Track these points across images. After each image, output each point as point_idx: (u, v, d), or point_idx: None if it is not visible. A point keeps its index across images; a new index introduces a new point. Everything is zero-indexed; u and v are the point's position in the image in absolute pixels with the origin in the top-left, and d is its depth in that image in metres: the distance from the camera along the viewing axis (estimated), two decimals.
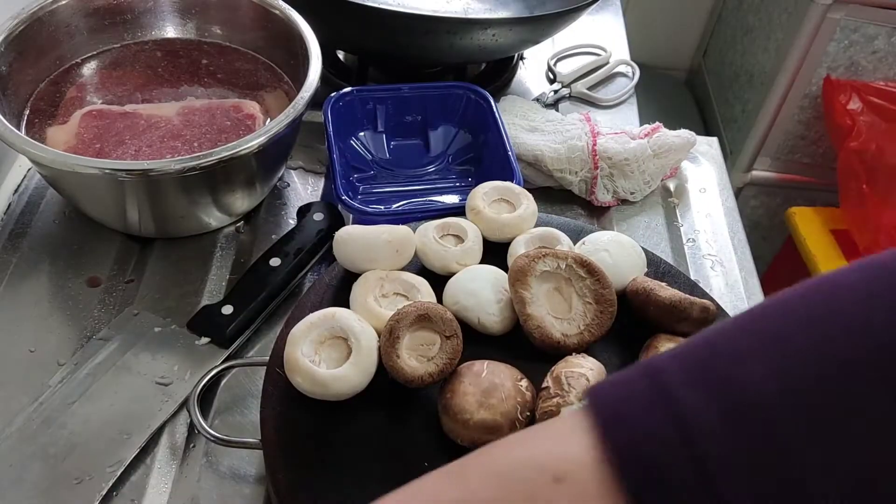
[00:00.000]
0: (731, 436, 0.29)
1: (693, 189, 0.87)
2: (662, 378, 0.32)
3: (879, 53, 1.45)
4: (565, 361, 0.53)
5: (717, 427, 0.30)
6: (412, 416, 0.55)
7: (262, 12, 0.80)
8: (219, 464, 0.59)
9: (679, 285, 0.64)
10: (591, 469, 0.31)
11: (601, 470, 0.31)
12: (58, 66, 0.78)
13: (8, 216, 0.75)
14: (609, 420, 0.31)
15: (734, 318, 0.34)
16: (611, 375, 0.34)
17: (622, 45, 1.07)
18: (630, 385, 0.32)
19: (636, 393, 0.32)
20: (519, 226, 0.66)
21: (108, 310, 0.68)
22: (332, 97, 0.78)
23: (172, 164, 0.62)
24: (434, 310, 0.55)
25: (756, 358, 0.31)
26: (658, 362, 0.33)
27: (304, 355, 0.53)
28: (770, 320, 0.33)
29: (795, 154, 1.60)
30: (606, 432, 0.31)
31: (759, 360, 0.31)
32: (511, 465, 0.33)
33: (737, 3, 1.75)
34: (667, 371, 0.32)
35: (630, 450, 0.30)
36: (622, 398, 0.32)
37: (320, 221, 0.72)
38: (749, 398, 0.30)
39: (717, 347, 0.32)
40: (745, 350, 0.32)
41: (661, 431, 0.30)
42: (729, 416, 0.30)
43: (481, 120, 0.81)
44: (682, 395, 0.31)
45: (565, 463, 0.31)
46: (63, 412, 0.59)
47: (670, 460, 0.29)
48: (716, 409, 0.30)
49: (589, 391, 0.34)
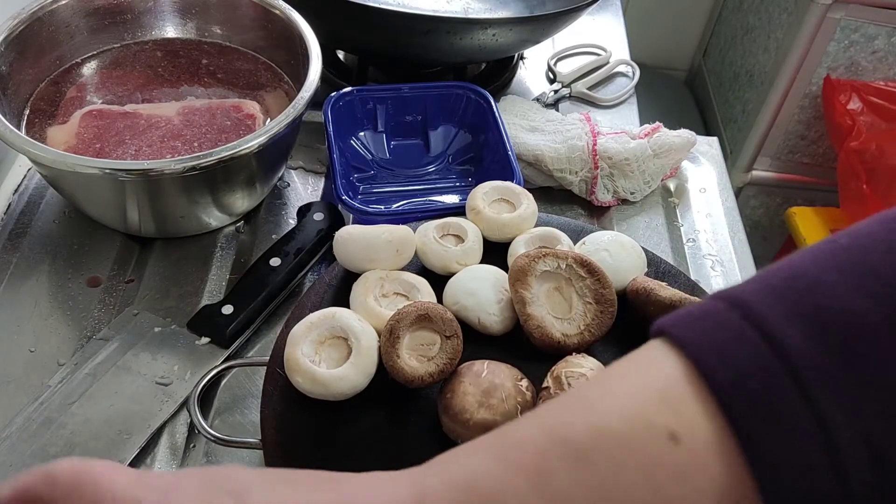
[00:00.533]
0: (841, 368, 0.28)
1: (693, 189, 0.87)
2: (756, 312, 0.30)
3: (879, 53, 1.45)
4: (565, 361, 0.53)
5: (825, 361, 0.28)
6: (412, 416, 0.55)
7: (262, 12, 0.80)
8: (219, 464, 0.59)
9: (679, 285, 0.64)
10: (705, 426, 0.29)
11: (716, 424, 0.29)
12: (58, 66, 0.78)
13: (8, 216, 0.75)
14: (711, 364, 0.30)
15: (812, 250, 0.33)
16: (683, 309, 0.33)
17: (622, 45, 1.07)
18: (721, 322, 0.31)
19: (731, 331, 0.30)
20: (519, 226, 0.66)
21: (108, 310, 0.68)
22: (332, 97, 0.78)
23: (172, 164, 0.62)
24: (434, 310, 0.55)
25: (853, 288, 0.30)
26: (744, 294, 0.31)
27: (304, 355, 0.53)
28: (854, 251, 0.31)
29: (795, 154, 1.60)
30: (712, 380, 0.29)
31: (857, 291, 0.30)
32: (620, 421, 0.31)
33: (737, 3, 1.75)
34: (759, 304, 0.30)
35: (742, 397, 0.29)
36: (718, 339, 0.30)
37: (320, 221, 0.72)
38: (854, 329, 0.29)
39: (808, 279, 0.31)
40: (837, 281, 0.30)
41: (771, 377, 0.28)
42: (837, 349, 0.29)
43: (481, 120, 0.81)
44: (783, 331, 0.29)
45: (677, 417, 0.30)
46: (63, 412, 0.59)
47: (785, 406, 0.28)
48: (821, 343, 0.29)
49: (669, 324, 0.32)
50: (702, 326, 0.31)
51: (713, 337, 0.31)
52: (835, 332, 0.29)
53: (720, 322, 0.31)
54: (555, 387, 0.51)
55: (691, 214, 0.84)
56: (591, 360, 0.53)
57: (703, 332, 0.31)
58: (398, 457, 0.52)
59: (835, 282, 0.31)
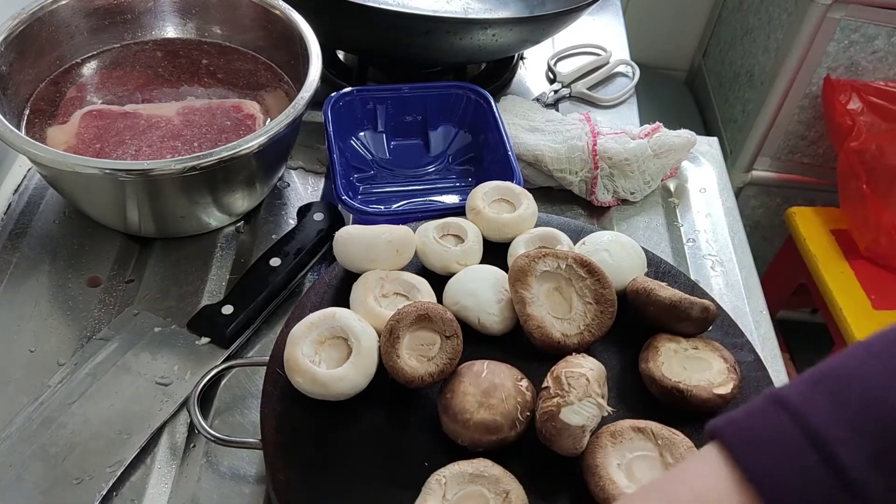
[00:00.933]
0: (887, 474, 0.29)
1: (693, 189, 0.87)
2: (808, 420, 0.31)
3: (879, 53, 1.45)
4: (565, 361, 0.53)
5: (872, 468, 0.29)
6: (412, 416, 0.55)
7: (262, 12, 0.80)
8: (219, 464, 0.59)
9: (679, 285, 0.64)
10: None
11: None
12: (58, 66, 0.78)
13: (8, 216, 0.75)
14: (761, 474, 0.30)
15: (864, 347, 0.33)
16: (739, 410, 0.33)
17: (622, 45, 1.07)
18: (773, 429, 0.31)
19: (784, 439, 0.31)
20: (519, 226, 0.66)
21: (108, 310, 0.68)
22: (332, 97, 0.78)
23: (172, 164, 0.62)
24: (434, 310, 0.55)
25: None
26: (795, 398, 0.32)
27: (304, 355, 0.53)
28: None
29: (795, 154, 1.60)
30: (762, 490, 0.30)
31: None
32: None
33: (737, 3, 1.75)
34: (811, 412, 0.31)
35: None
36: (783, 470, 0.31)
37: (320, 221, 0.72)
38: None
39: (858, 380, 0.31)
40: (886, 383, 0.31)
41: (823, 490, 0.29)
42: (883, 455, 0.29)
43: (481, 120, 0.81)
44: (833, 437, 0.30)
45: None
46: (63, 412, 0.59)
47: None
48: (868, 448, 0.29)
49: (723, 429, 0.32)
50: (764, 448, 0.32)
51: (776, 466, 0.31)
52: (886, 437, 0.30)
53: (785, 448, 0.31)
54: (555, 387, 0.51)
55: (691, 214, 0.84)
56: (591, 360, 0.53)
57: (765, 453, 0.31)
58: (398, 457, 0.52)
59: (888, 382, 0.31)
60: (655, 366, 0.56)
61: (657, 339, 0.58)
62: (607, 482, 0.49)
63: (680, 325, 0.58)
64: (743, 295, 0.76)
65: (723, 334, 0.61)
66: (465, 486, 0.49)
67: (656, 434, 0.52)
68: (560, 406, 0.50)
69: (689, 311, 0.57)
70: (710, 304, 0.58)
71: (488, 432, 0.51)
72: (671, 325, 0.58)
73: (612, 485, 0.49)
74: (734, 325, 0.63)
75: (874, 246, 1.35)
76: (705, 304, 0.57)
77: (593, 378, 0.51)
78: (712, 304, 0.59)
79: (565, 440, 0.50)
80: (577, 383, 0.50)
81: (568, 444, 0.50)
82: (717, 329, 0.61)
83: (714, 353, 0.58)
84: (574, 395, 0.50)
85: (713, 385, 0.55)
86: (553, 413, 0.50)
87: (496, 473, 0.49)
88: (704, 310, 0.57)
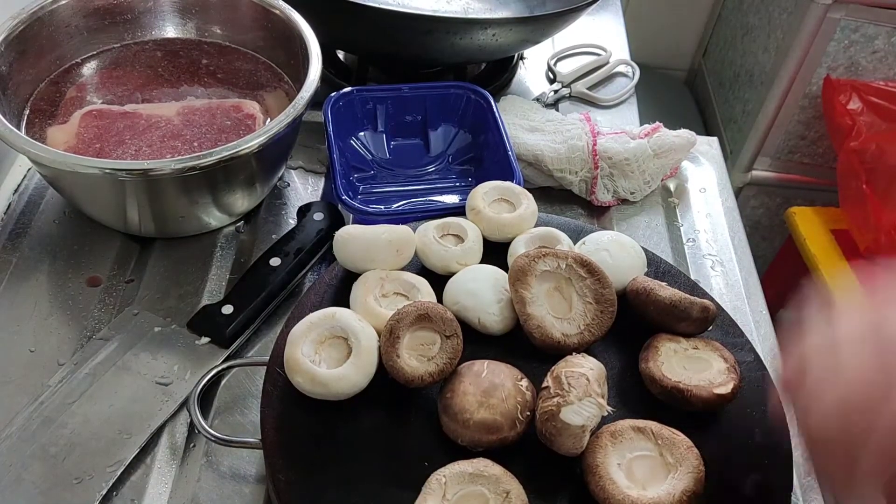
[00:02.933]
0: None
1: (693, 189, 0.87)
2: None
3: (879, 53, 1.45)
4: (565, 361, 0.53)
5: None
6: (412, 416, 0.55)
7: (262, 12, 0.80)
8: (219, 464, 0.59)
9: (679, 285, 0.64)
10: None
11: None
12: (58, 66, 0.78)
13: (8, 216, 0.75)
14: None
15: None
16: None
17: (622, 45, 1.07)
18: None
19: None
20: (519, 226, 0.66)
21: (108, 310, 0.68)
22: (332, 97, 0.78)
23: (172, 164, 0.62)
24: (434, 310, 0.55)
25: None
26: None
27: (304, 355, 0.53)
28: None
29: (795, 154, 1.60)
30: None
31: None
32: None
33: (737, 3, 1.75)
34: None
35: None
36: None
37: (320, 221, 0.72)
38: None
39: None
40: None
41: None
42: None
43: (481, 120, 0.81)
44: None
45: None
46: (63, 412, 0.59)
47: None
48: None
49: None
50: None
51: None
52: None
53: None
54: (555, 387, 0.51)
55: (691, 214, 0.84)
56: (591, 360, 0.53)
57: None
58: (398, 457, 0.52)
59: None
60: (655, 366, 0.56)
61: (657, 339, 0.58)
62: (607, 482, 0.49)
63: (680, 325, 0.58)
64: (743, 295, 0.76)
65: (723, 334, 0.62)
66: (465, 486, 0.49)
67: (656, 434, 0.52)
68: (560, 406, 0.50)
69: (689, 311, 0.57)
70: (709, 303, 0.58)
71: (488, 432, 0.51)
72: (671, 325, 0.58)
73: (612, 485, 0.49)
74: (734, 325, 0.63)
75: (874, 246, 1.35)
76: (705, 303, 0.57)
77: (593, 378, 0.51)
78: (712, 303, 0.59)
79: (565, 440, 0.50)
80: (577, 383, 0.50)
81: (568, 443, 0.50)
82: (717, 329, 0.61)
83: (714, 353, 0.58)
84: (574, 394, 0.50)
85: (713, 385, 0.55)
86: (553, 413, 0.50)
87: (496, 473, 0.49)
88: (704, 309, 0.57)
